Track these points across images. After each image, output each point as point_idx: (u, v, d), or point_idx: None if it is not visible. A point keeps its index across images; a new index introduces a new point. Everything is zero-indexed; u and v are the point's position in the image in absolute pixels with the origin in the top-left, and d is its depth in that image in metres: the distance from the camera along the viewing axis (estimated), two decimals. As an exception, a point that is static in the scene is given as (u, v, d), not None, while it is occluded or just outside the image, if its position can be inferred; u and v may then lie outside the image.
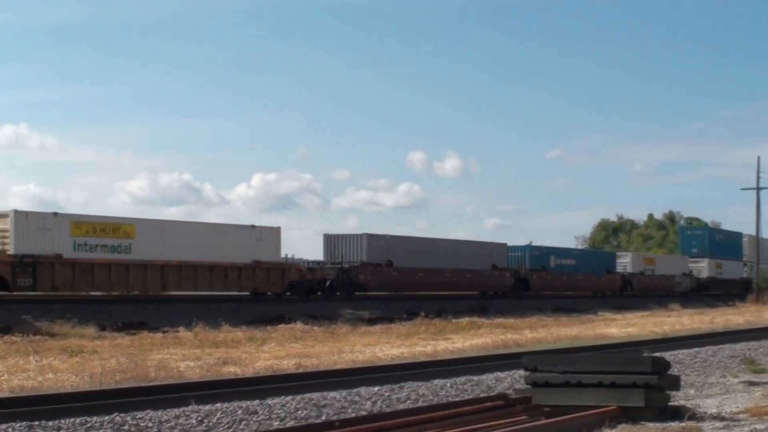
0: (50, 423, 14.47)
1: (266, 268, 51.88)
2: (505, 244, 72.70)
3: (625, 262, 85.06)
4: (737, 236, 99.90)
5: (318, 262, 58.07)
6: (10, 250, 41.53)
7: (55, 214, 44.17)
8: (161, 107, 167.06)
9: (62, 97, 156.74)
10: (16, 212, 42.51)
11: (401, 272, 59.69)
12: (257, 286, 51.63)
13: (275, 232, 53.54)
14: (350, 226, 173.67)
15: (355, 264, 57.94)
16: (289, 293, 53.29)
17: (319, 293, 55.61)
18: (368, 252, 58.65)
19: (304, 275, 54.50)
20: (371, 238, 59.54)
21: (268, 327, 40.33)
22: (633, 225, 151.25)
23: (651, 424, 14.05)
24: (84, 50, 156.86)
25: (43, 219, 43.10)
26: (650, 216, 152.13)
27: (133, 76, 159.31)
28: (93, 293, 44.99)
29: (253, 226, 52.55)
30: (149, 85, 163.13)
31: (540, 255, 74.24)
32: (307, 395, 18.11)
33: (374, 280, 58.42)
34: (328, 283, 56.24)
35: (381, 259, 59.27)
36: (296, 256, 56.57)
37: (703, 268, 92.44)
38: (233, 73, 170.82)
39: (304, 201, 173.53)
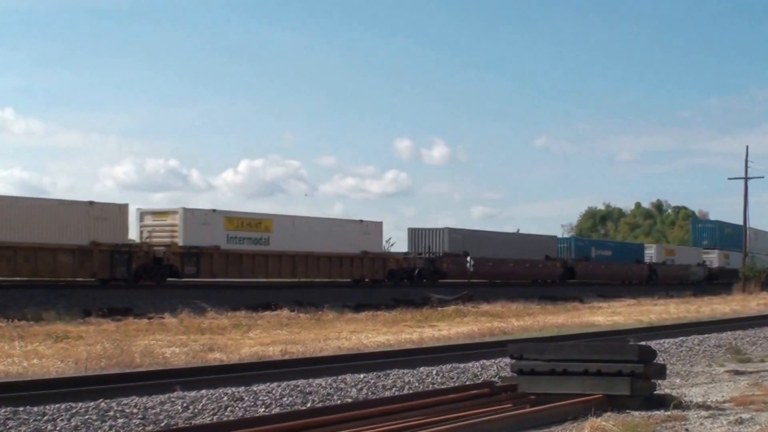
0: (35, 408, 14.39)
1: (372, 258, 58.70)
2: (555, 237, 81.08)
3: (650, 253, 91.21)
4: (741, 229, 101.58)
5: (405, 254, 63.64)
6: (180, 242, 47.49)
7: (214, 210, 50.28)
8: (147, 93, 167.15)
9: (48, 82, 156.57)
10: (185, 209, 48.46)
11: (478, 262, 64.86)
12: (364, 274, 58.60)
13: (378, 226, 60.92)
14: (337, 212, 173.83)
15: (439, 255, 64.18)
16: (380, 280, 59.26)
17: (404, 280, 61.53)
18: (449, 244, 65.24)
19: (400, 264, 61.00)
20: (451, 231, 66.24)
21: (254, 314, 40.29)
22: (620, 213, 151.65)
23: (636, 413, 14.04)
24: (70, 36, 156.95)
25: (204, 215, 49.29)
26: (637, 204, 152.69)
27: (119, 62, 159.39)
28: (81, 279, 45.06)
29: (361, 221, 59.76)
30: (135, 71, 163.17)
31: (583, 246, 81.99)
32: (293, 382, 18.06)
33: (454, 268, 64.39)
34: (416, 272, 62.26)
35: (459, 250, 65.29)
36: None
37: (714, 258, 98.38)
38: (220, 59, 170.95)
39: (290, 187, 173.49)
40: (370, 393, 17.73)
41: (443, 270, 63.83)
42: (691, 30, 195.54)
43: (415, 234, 66.24)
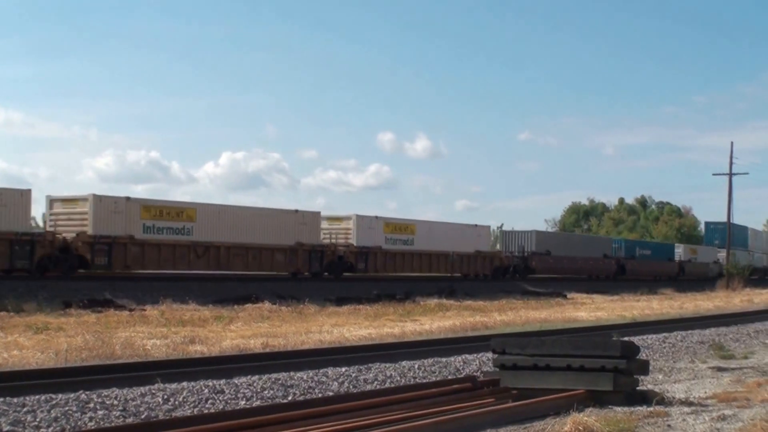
0: (15, 400, 14.29)
1: (484, 256, 68.01)
2: (611, 238, 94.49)
3: (679, 252, 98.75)
4: (744, 230, 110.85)
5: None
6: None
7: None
8: (127, 84, 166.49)
9: (28, 72, 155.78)
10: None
11: (556, 259, 75.85)
12: (477, 270, 67.09)
13: (487, 229, 71.15)
14: (319, 205, 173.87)
15: (528, 253, 73.93)
16: (487, 275, 67.72)
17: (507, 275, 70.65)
18: (536, 244, 74.95)
19: (503, 262, 70.39)
20: (538, 234, 77.82)
21: (235, 306, 40.17)
22: (604, 208, 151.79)
23: (619, 408, 14.01)
24: (50, 26, 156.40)
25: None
26: (621, 200, 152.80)
27: (99, 52, 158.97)
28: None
29: (476, 225, 68.90)
30: (115, 62, 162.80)
31: (631, 246, 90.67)
32: (274, 375, 18.01)
33: (541, 265, 74.34)
34: (511, 268, 71.89)
35: (543, 249, 75.28)
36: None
37: (725, 256, 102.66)
38: (201, 50, 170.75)
39: (272, 180, 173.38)
40: (351, 387, 17.67)
41: (532, 266, 73.52)
42: (676, 26, 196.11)
43: (507, 236, 76.64)
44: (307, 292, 47.08)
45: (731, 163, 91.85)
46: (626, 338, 22.48)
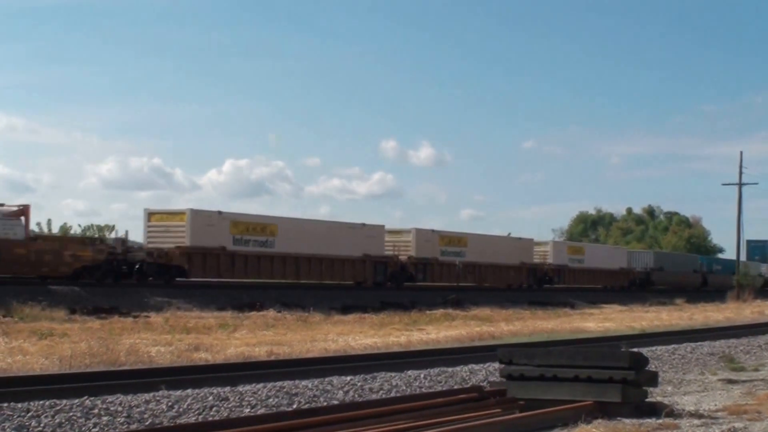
0: (19, 405, 14.23)
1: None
2: (697, 255, 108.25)
3: (763, 269, 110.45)
4: (765, 243, 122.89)
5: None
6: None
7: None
8: (129, 91, 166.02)
9: (29, 78, 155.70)
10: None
11: (668, 273, 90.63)
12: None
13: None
14: (323, 214, 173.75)
15: (649, 269, 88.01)
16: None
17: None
18: (654, 262, 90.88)
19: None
20: (656, 254, 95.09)
21: (240, 314, 40.10)
22: (612, 218, 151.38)
23: (627, 420, 13.86)
24: (52, 33, 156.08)
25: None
26: (629, 210, 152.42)
27: (101, 59, 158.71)
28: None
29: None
30: (118, 68, 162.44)
31: (658, 258, 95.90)
32: (279, 383, 17.89)
33: (659, 279, 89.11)
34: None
35: (659, 266, 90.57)
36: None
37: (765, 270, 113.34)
38: (204, 58, 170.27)
39: (276, 188, 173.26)
40: (356, 396, 17.56)
41: (652, 280, 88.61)
42: (685, 35, 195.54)
43: (631, 255, 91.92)
44: (311, 300, 47.07)
45: (741, 173, 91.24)
46: (635, 349, 22.31)
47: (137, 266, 47.20)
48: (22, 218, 42.46)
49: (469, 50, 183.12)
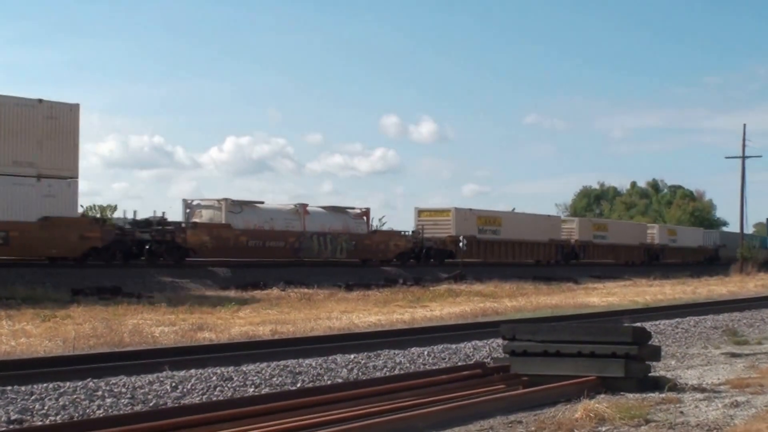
0: (23, 388, 14.25)
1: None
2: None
3: None
4: None
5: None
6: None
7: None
8: (128, 68, 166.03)
9: (27, 59, 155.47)
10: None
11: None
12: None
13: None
14: (326, 190, 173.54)
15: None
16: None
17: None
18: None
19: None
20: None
21: (244, 293, 40.09)
22: (616, 192, 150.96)
23: (631, 395, 13.88)
24: (50, 13, 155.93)
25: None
26: (633, 184, 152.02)
27: (99, 36, 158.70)
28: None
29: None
30: (116, 45, 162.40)
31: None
32: (283, 362, 17.90)
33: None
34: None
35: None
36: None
37: None
38: (204, 34, 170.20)
39: (277, 165, 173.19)
40: (360, 373, 17.57)
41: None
42: (688, 6, 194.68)
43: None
44: (316, 277, 47.05)
45: (744, 146, 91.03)
46: (638, 324, 22.32)
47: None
48: None
49: (470, 23, 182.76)
